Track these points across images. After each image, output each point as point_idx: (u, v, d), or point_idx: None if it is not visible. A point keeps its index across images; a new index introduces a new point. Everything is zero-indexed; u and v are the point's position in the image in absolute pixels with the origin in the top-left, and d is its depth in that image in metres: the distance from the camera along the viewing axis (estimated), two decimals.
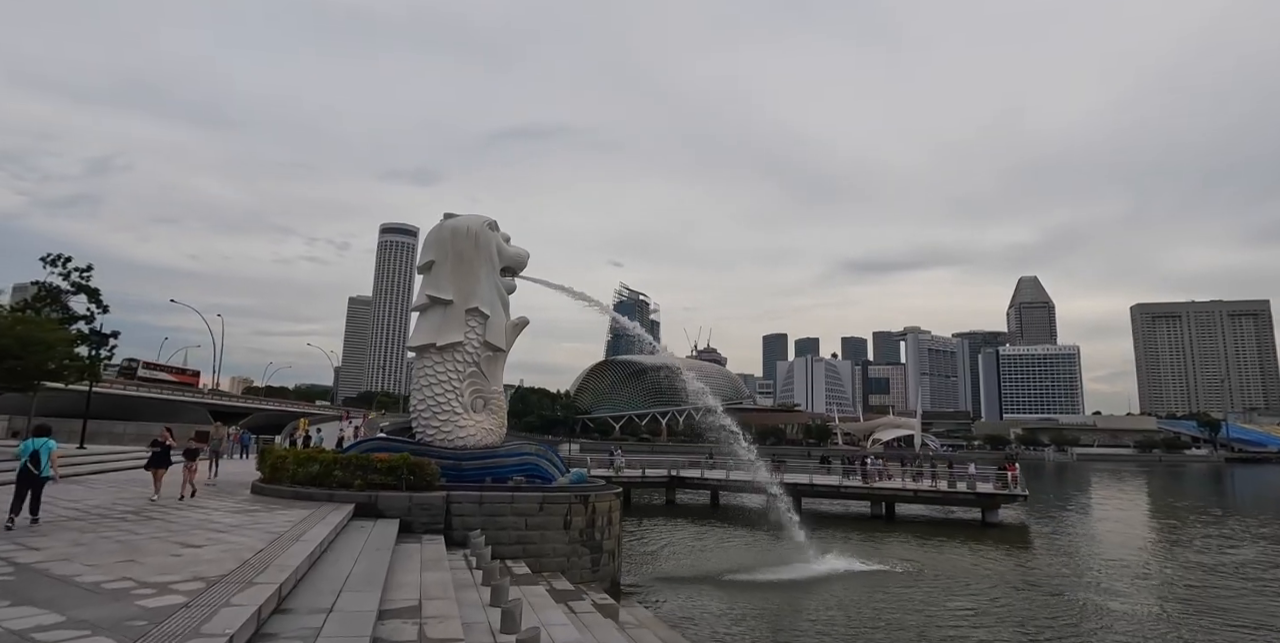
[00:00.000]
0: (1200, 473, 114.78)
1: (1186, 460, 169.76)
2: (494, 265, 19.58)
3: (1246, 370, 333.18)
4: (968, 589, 20.35)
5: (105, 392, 54.36)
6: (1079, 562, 25.57)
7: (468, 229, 19.26)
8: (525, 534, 16.62)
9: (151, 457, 15.76)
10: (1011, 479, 36.12)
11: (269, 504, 14.48)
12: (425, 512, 15.67)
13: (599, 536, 17.80)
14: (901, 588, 20.13)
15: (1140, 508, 51.28)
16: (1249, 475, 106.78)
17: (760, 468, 28.03)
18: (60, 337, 24.84)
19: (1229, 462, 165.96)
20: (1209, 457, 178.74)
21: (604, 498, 18.17)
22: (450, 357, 18.65)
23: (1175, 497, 61.61)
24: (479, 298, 18.99)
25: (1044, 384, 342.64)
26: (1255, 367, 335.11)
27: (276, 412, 78.72)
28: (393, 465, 15.74)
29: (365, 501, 15.36)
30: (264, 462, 17.57)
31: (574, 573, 16.95)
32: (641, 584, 20.08)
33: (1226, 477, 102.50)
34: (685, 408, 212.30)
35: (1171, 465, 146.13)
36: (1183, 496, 63.71)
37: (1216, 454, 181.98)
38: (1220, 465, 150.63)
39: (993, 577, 22.38)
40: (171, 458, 16.25)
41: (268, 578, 7.43)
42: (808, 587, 20.15)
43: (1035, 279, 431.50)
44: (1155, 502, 56.37)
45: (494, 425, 19.25)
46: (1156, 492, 68.76)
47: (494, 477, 17.77)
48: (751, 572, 21.64)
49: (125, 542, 9.33)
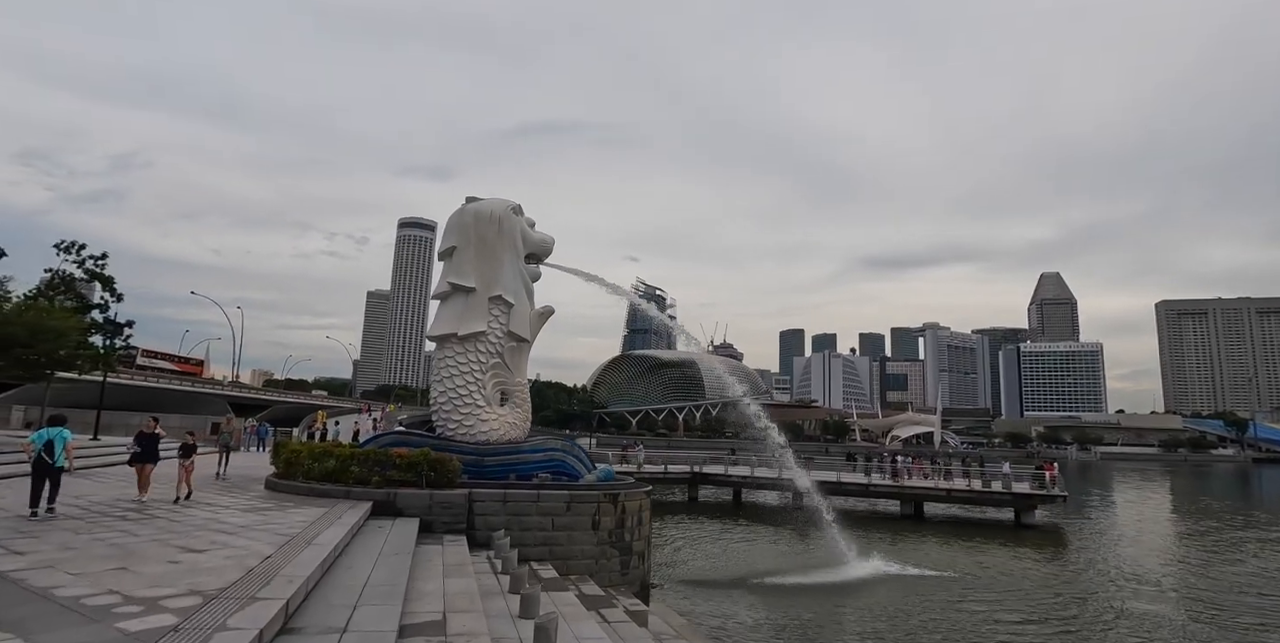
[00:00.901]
0: (1228, 473, 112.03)
1: (1213, 460, 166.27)
2: (518, 251, 18.59)
3: (1275, 369, 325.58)
4: (1022, 598, 19.19)
5: (123, 383, 54.22)
6: (1127, 569, 24.19)
7: (491, 213, 18.28)
8: (551, 535, 15.66)
9: (135, 451, 13.44)
10: (1050, 480, 34.73)
11: (282, 502, 13.62)
12: (446, 511, 14.75)
13: (628, 536, 16.81)
14: (950, 595, 19.00)
15: (1176, 510, 49.50)
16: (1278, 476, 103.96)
17: (796, 466, 26.88)
18: (72, 325, 24.21)
19: (1256, 462, 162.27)
20: (1235, 457, 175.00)
21: (634, 497, 17.17)
22: (472, 347, 17.71)
23: (1210, 498, 59.67)
24: (503, 285, 18.01)
25: (1066, 382, 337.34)
26: None
27: (295, 404, 78.61)
28: (412, 461, 14.83)
29: (383, 499, 14.48)
30: (278, 456, 16.74)
31: (602, 576, 15.98)
32: (671, 587, 19.13)
33: (1257, 478, 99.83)
34: (702, 403, 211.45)
35: (1197, 465, 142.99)
36: (1217, 497, 61.74)
37: (1243, 454, 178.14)
38: (1247, 466, 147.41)
39: (1043, 584, 21.22)
40: (161, 452, 14.07)
41: (274, 592, 6.49)
42: (849, 592, 19.08)
43: (1058, 275, 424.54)
44: (1190, 504, 54.49)
45: (518, 420, 18.31)
46: (1188, 493, 66.73)
47: (518, 474, 16.81)
48: (786, 575, 20.60)
49: (121, 545, 8.43)
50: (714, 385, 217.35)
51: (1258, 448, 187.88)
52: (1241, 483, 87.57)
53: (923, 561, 23.59)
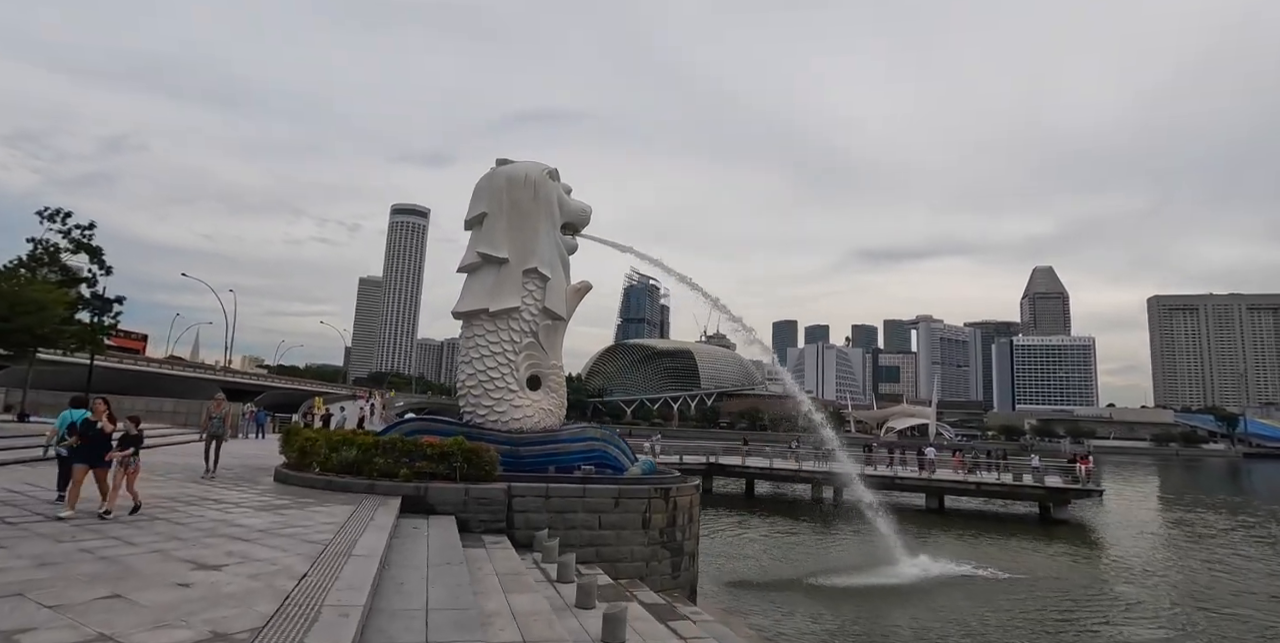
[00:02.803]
0: (1220, 468, 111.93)
1: (1204, 455, 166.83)
2: (554, 220, 16.73)
3: (1264, 365, 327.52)
4: (1088, 597, 17.72)
5: (112, 366, 51.90)
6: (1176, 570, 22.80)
7: (525, 177, 16.39)
8: (599, 534, 13.95)
9: (72, 447, 9.57)
10: (1085, 473, 33.38)
11: (298, 497, 11.79)
12: (484, 508, 12.98)
13: (680, 536, 15.14)
14: (1012, 597, 17.56)
15: (1196, 505, 48.36)
16: (1272, 471, 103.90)
17: (844, 457, 25.27)
18: (56, 298, 22.06)
19: (1247, 457, 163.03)
20: (1226, 452, 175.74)
21: (684, 491, 15.49)
22: (505, 324, 15.88)
23: (1223, 493, 58.85)
24: (538, 257, 16.16)
25: (1058, 375, 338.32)
26: (1274, 361, 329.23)
27: (289, 390, 76.43)
28: (445, 452, 13.03)
29: (413, 494, 12.68)
30: (289, 445, 14.86)
31: (654, 580, 14.30)
32: (716, 590, 17.51)
33: (1252, 472, 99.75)
34: (697, 393, 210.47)
35: (1189, 460, 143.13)
36: (1229, 492, 60.99)
37: (1234, 449, 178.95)
38: (1238, 461, 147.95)
39: (1096, 581, 19.98)
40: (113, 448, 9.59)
41: (328, 636, 4.71)
42: (908, 596, 17.50)
43: (1050, 269, 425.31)
44: (1203, 498, 53.53)
45: (553, 406, 16.51)
46: (1195, 488, 65.85)
47: (557, 465, 15.08)
48: (835, 576, 19.00)
49: (113, 559, 6.55)
50: (710, 376, 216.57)
51: (1248, 443, 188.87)
52: (1237, 478, 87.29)
53: (976, 558, 22.12)
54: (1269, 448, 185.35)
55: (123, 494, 9.30)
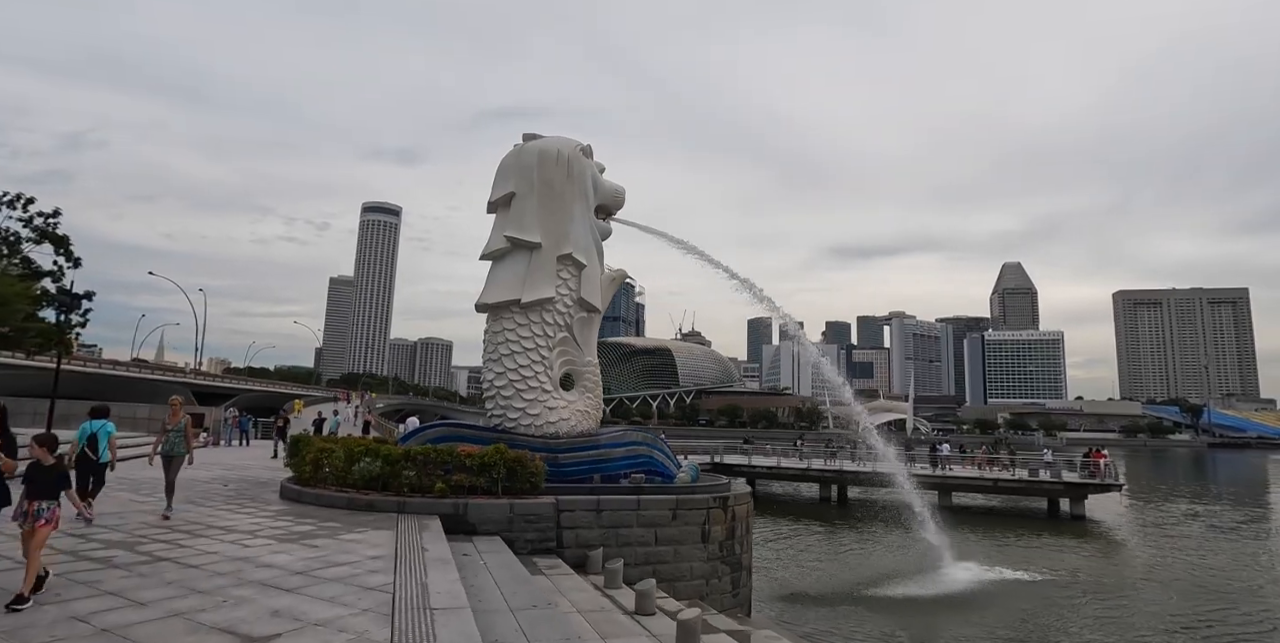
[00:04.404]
0: (1188, 458, 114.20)
1: (1170, 445, 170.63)
2: (589, 202, 15.12)
3: (1224, 357, 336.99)
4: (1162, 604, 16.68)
5: (73, 369, 48.55)
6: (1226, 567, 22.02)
7: (558, 153, 14.72)
8: (655, 551, 12.40)
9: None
10: (1105, 468, 32.64)
11: (321, 521, 9.98)
12: (531, 525, 11.36)
13: (738, 549, 13.70)
14: (1073, 600, 16.45)
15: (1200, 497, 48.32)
16: (1240, 460, 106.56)
17: (890, 455, 24.01)
18: (17, 292, 19.71)
19: (1211, 447, 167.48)
20: (1192, 442, 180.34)
21: (742, 500, 14.05)
22: (538, 317, 14.21)
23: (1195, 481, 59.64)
24: (572, 242, 14.52)
25: (1028, 369, 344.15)
26: (1233, 353, 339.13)
27: (263, 393, 73.31)
28: (487, 463, 11.36)
29: (450, 511, 11.01)
30: (299, 456, 12.98)
31: (714, 599, 12.83)
32: (767, 604, 16.07)
33: (1216, 461, 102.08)
34: (676, 391, 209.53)
35: (1157, 450, 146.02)
36: (1196, 480, 61.90)
37: (1199, 439, 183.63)
38: (1203, 450, 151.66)
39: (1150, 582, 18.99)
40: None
41: None
42: (974, 604, 16.22)
43: (1019, 265, 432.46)
44: (1201, 491, 53.72)
45: (589, 407, 14.90)
46: (1185, 479, 66.42)
47: (604, 474, 13.48)
48: (886, 584, 17.68)
49: (116, 632, 4.80)
50: (688, 373, 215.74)
51: (1211, 433, 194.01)
52: (1202, 466, 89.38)
53: (1003, 559, 21.06)
54: (1231, 438, 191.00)
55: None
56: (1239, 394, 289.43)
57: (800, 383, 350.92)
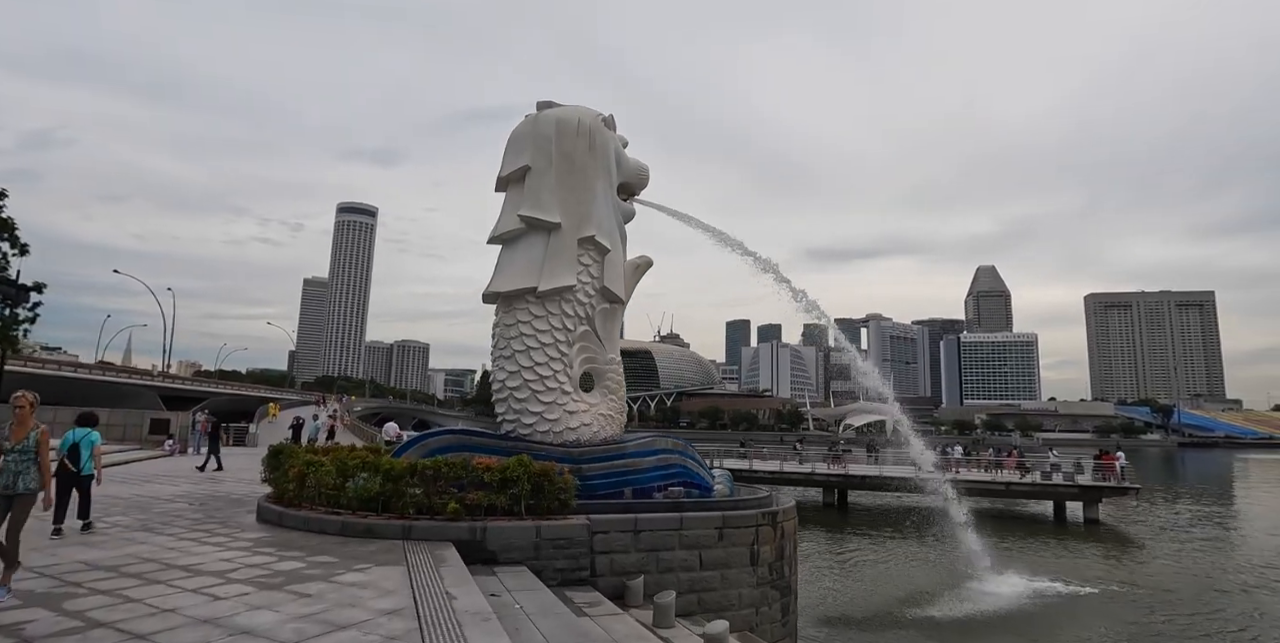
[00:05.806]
0: (1160, 457, 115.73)
1: (1143, 445, 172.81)
2: (612, 179, 13.36)
3: (1192, 358, 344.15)
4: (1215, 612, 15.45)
5: (26, 370, 45.20)
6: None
7: (579, 123, 12.94)
8: (700, 576, 10.70)
9: None
10: (1119, 471, 31.65)
11: (309, 553, 8.05)
12: (561, 551, 9.59)
13: (787, 570, 12.04)
14: (1151, 616, 15.11)
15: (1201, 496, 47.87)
16: (1210, 459, 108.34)
17: (931, 458, 22.63)
18: None
19: (1181, 446, 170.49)
20: (1163, 442, 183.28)
21: (789, 515, 12.37)
22: (556, 308, 12.40)
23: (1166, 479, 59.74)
24: (595, 223, 12.73)
25: (1003, 371, 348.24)
26: (1200, 355, 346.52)
27: (234, 396, 70.18)
28: (508, 477, 9.57)
29: (466, 536, 9.21)
30: (278, 470, 10.96)
31: (765, 629, 11.19)
32: (811, 628, 14.47)
33: (1186, 460, 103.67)
34: (657, 393, 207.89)
35: (1129, 450, 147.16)
36: (1167, 478, 62.04)
37: (1169, 439, 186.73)
38: (1174, 450, 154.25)
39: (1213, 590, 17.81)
40: None
41: None
42: (1036, 624, 14.78)
43: (993, 268, 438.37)
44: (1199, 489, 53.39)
45: (613, 410, 13.13)
46: (1174, 478, 66.42)
47: (635, 488, 11.74)
48: (928, 603, 16.21)
49: None
50: (669, 375, 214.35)
51: (1181, 433, 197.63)
52: (1173, 465, 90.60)
53: (1033, 568, 19.74)
54: (1200, 437, 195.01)
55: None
56: (1206, 395, 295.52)
57: (778, 385, 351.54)
